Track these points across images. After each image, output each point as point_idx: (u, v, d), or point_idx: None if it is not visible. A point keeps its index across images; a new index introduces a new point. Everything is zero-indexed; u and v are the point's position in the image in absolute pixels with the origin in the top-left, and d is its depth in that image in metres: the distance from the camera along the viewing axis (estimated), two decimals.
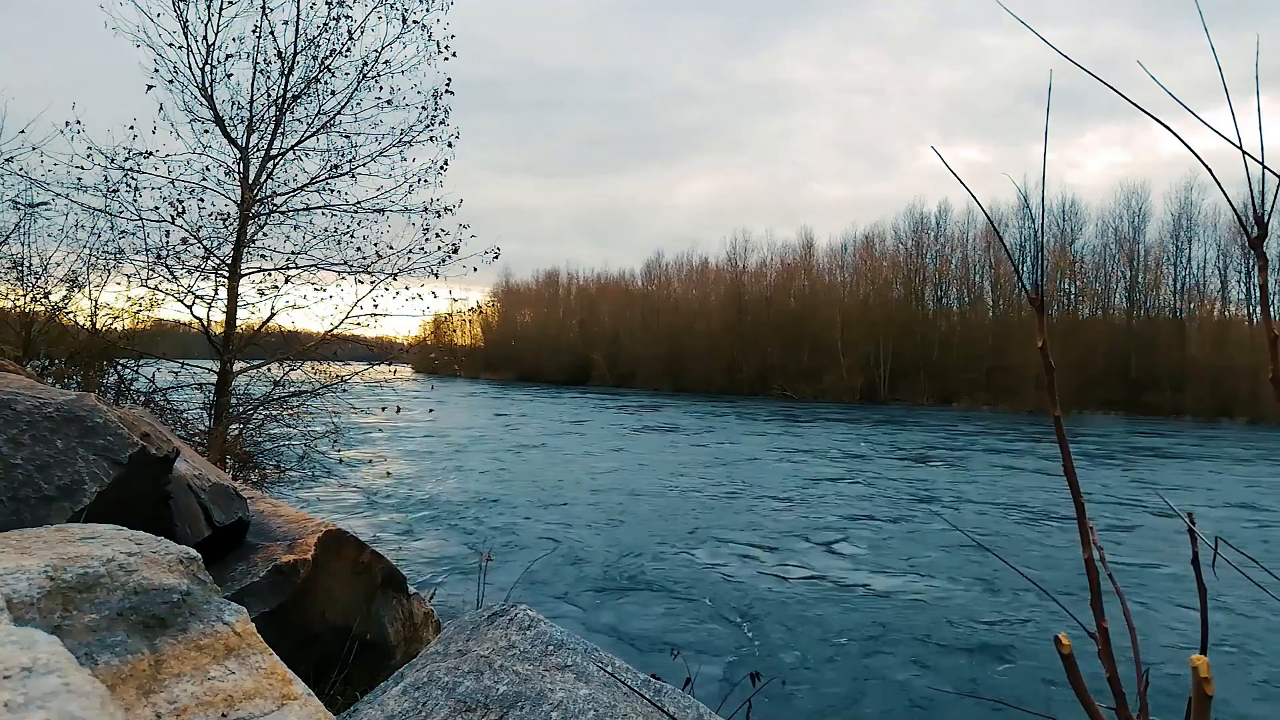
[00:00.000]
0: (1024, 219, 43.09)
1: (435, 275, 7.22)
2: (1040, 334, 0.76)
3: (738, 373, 49.32)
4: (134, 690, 1.16)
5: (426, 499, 10.63)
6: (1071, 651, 0.73)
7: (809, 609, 6.32)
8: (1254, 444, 23.67)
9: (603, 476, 13.12)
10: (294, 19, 6.71)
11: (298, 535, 2.91)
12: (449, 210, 7.23)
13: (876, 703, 4.65)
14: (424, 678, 1.77)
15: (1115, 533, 9.51)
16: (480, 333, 61.87)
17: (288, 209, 7.15)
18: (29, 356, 6.14)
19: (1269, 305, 0.67)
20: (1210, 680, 0.64)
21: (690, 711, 1.86)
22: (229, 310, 6.80)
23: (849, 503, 11.23)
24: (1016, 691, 4.81)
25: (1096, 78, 0.73)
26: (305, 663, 2.11)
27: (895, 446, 19.76)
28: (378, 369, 7.82)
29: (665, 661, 4.61)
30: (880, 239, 51.39)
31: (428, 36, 7.02)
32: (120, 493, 2.02)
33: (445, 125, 7.22)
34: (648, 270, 62.84)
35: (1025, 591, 6.74)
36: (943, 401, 42.21)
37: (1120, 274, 44.63)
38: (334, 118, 7.05)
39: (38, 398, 2.01)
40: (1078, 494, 0.76)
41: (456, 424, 21.92)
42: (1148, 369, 39.36)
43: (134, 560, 1.32)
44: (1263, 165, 0.65)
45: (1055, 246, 44.46)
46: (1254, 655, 5.47)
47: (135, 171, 6.48)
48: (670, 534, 8.85)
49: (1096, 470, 15.88)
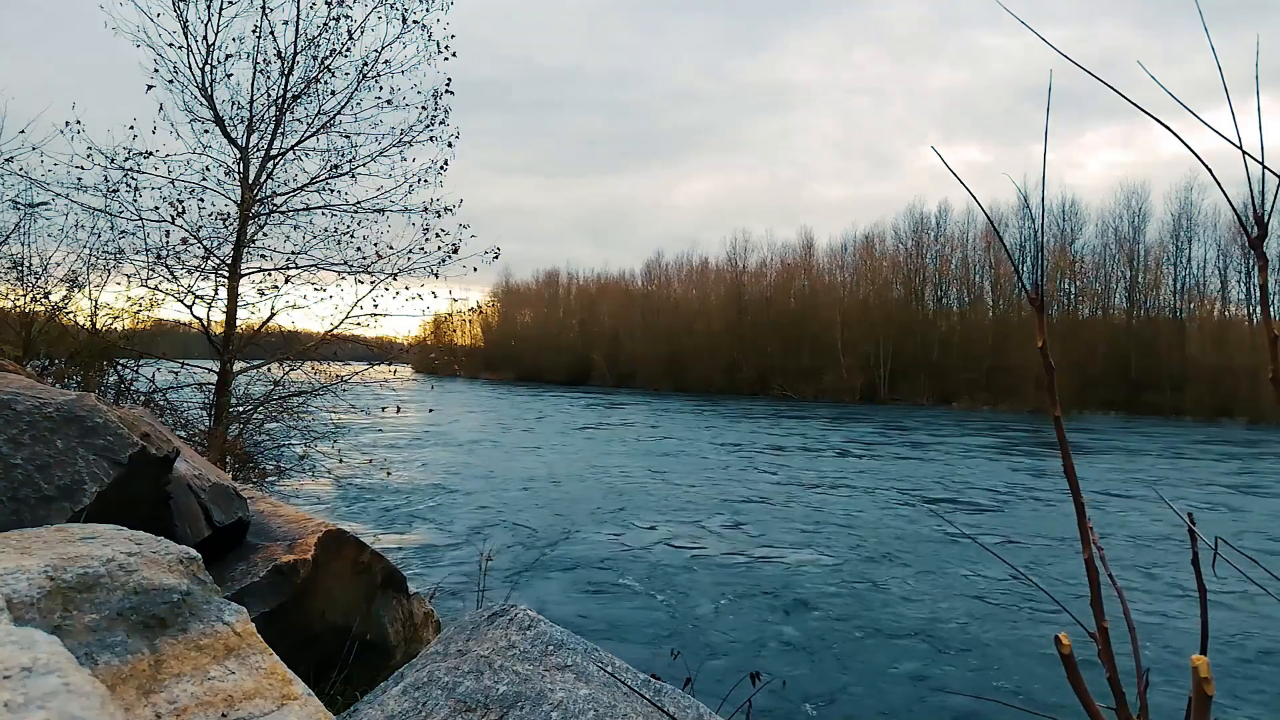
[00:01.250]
0: (1024, 219, 43.09)
1: (435, 275, 7.23)
2: (1040, 334, 0.76)
3: (738, 373, 49.30)
4: (134, 690, 1.16)
5: (426, 499, 10.63)
6: (1071, 651, 0.73)
7: (809, 609, 6.33)
8: (1254, 444, 23.66)
9: (602, 476, 13.12)
10: (294, 19, 6.72)
11: (298, 535, 2.91)
12: (449, 210, 7.24)
13: (877, 703, 4.65)
14: (424, 678, 1.77)
15: (1115, 532, 9.51)
16: (480, 333, 61.84)
17: (288, 209, 7.16)
18: (29, 356, 6.14)
19: (1269, 305, 0.67)
20: (1210, 680, 0.64)
21: (690, 711, 1.86)
22: (229, 310, 6.80)
23: (849, 503, 11.23)
24: (1016, 691, 4.81)
25: (1096, 78, 0.73)
26: (305, 663, 2.11)
27: (895, 447, 19.76)
28: (378, 369, 7.82)
29: (665, 661, 4.60)
30: (880, 239, 51.43)
31: (428, 36, 7.03)
32: (120, 493, 2.02)
33: (445, 125, 7.24)
34: (648, 270, 62.92)
35: (1025, 591, 6.74)
36: (943, 401, 42.20)
37: (1120, 274, 44.64)
38: (334, 118, 7.06)
39: (38, 398, 2.01)
40: (1078, 494, 0.76)
41: (456, 424, 21.91)
42: (1148, 369, 39.35)
43: (134, 560, 1.32)
44: (1263, 165, 0.65)
45: (1055, 246, 44.45)
46: (1254, 655, 5.47)
47: (135, 171, 6.48)
48: (670, 534, 8.85)
49: (1096, 470, 15.88)
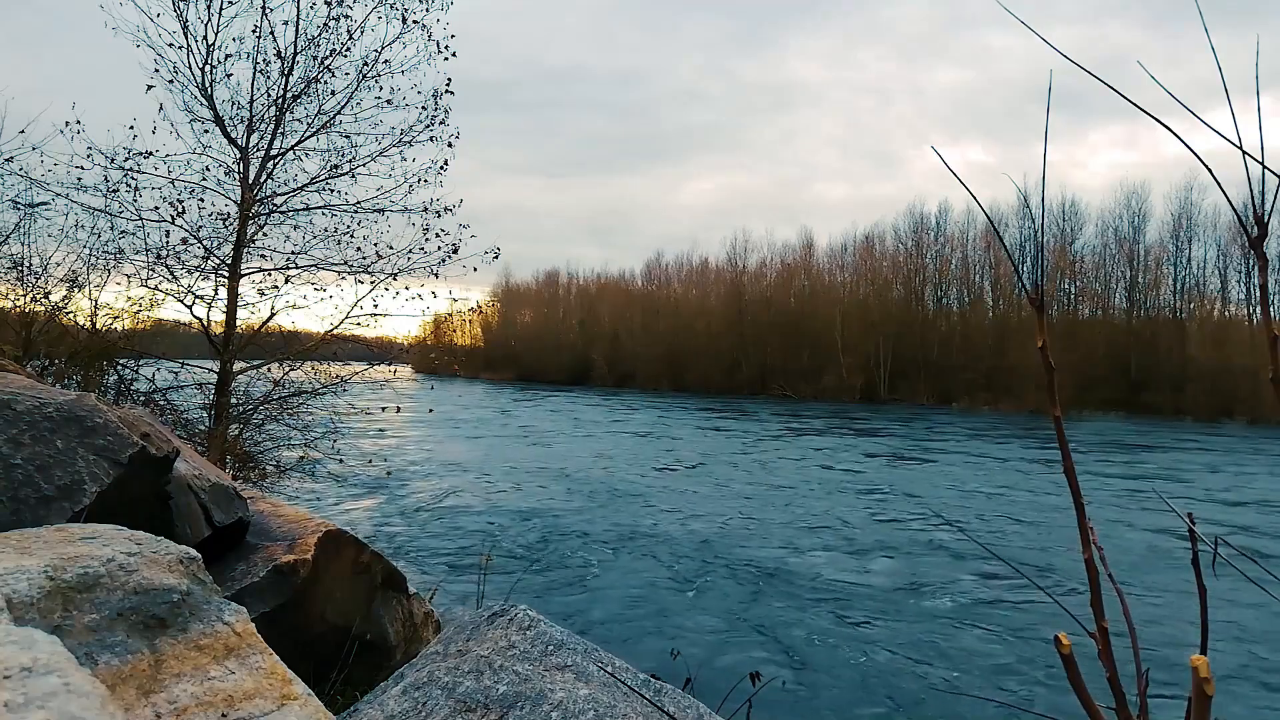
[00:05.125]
0: (1024, 219, 43.10)
1: (435, 275, 7.23)
2: (1040, 334, 0.76)
3: (737, 373, 49.31)
4: (134, 690, 1.16)
5: (426, 499, 10.63)
6: (1071, 651, 0.73)
7: (809, 608, 6.32)
8: (1254, 444, 23.66)
9: (603, 476, 13.12)
10: (294, 19, 6.71)
11: (298, 535, 2.91)
12: (449, 210, 7.24)
13: (877, 703, 4.65)
14: (424, 678, 1.77)
15: (1115, 532, 9.50)
16: (480, 333, 61.89)
17: (288, 209, 7.15)
18: (29, 356, 6.14)
19: (1269, 305, 0.67)
20: (1210, 680, 0.64)
21: (690, 711, 1.86)
22: (229, 310, 6.80)
23: (850, 504, 11.23)
24: (1017, 691, 4.81)
25: (1097, 78, 0.73)
26: (305, 663, 2.10)
27: (895, 447, 19.76)
28: (378, 369, 7.82)
29: (665, 661, 4.60)
30: (880, 239, 51.46)
31: (428, 36, 7.03)
32: (120, 493, 2.02)
33: (445, 125, 7.24)
34: (648, 270, 62.97)
35: (1025, 591, 6.74)
36: (943, 401, 42.20)
37: (1120, 274, 44.64)
38: (334, 118, 7.05)
39: (38, 398, 2.01)
40: (1078, 494, 0.76)
41: (456, 424, 21.91)
42: (1148, 369, 39.35)
43: (134, 560, 1.32)
44: (1263, 165, 0.65)
45: (1055, 246, 44.46)
46: (1254, 655, 5.46)
47: (135, 171, 6.48)
48: (670, 534, 8.85)
49: (1096, 470, 15.88)
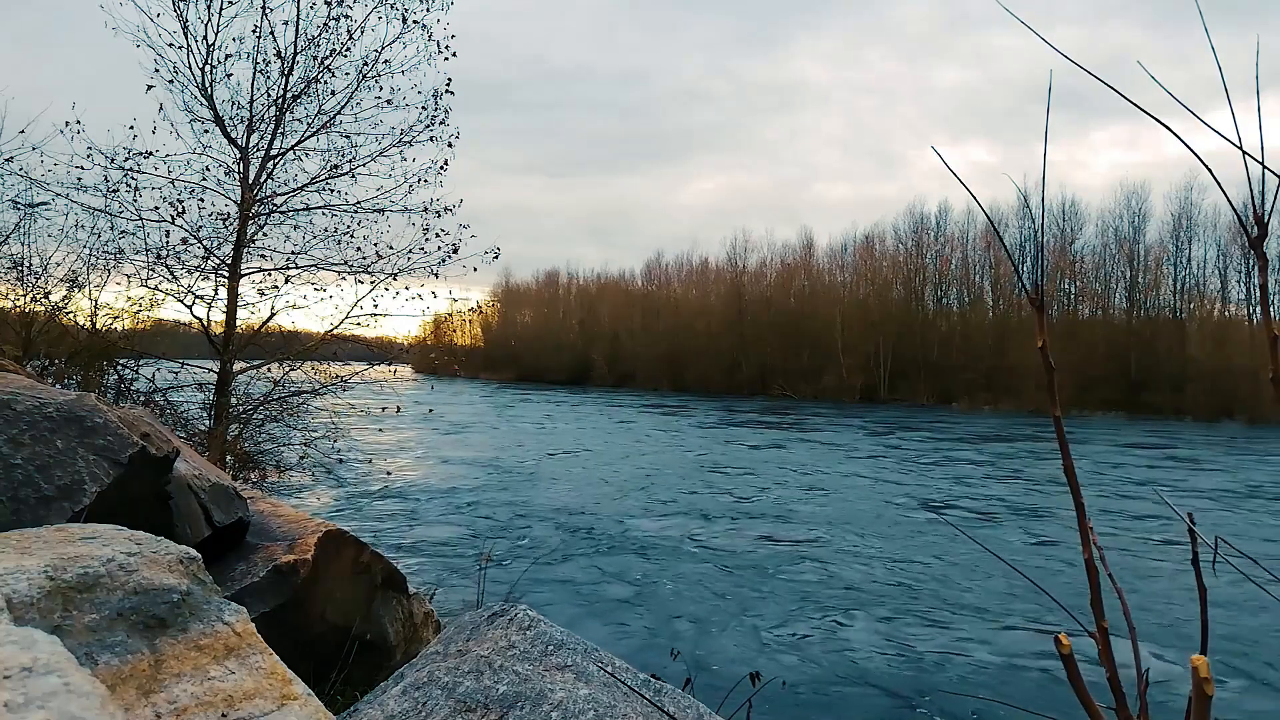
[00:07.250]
0: (1024, 219, 43.07)
1: (435, 275, 7.24)
2: (1040, 334, 0.76)
3: (737, 373, 49.29)
4: (134, 690, 1.16)
5: (426, 499, 10.63)
6: (1071, 651, 0.73)
7: (809, 608, 6.33)
8: (1254, 444, 23.66)
9: (602, 476, 13.12)
10: (294, 19, 6.73)
11: (297, 535, 2.91)
12: (449, 210, 7.25)
13: (877, 702, 4.65)
14: (424, 678, 1.77)
15: (1115, 532, 9.50)
16: (480, 333, 61.85)
17: (288, 209, 7.17)
18: (29, 356, 6.14)
19: (1269, 305, 0.67)
20: (1210, 680, 0.64)
21: (690, 711, 1.86)
22: (229, 310, 6.80)
23: (850, 503, 11.23)
24: (1017, 691, 4.81)
25: (1097, 78, 0.73)
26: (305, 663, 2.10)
27: (895, 446, 19.76)
28: (378, 369, 7.82)
29: (665, 661, 4.60)
30: (880, 239, 51.39)
31: (428, 36, 7.04)
32: (120, 493, 2.02)
33: (445, 125, 7.25)
34: (648, 270, 62.87)
35: (1025, 590, 6.74)
36: (943, 401, 42.18)
37: (1120, 274, 44.60)
38: (334, 118, 7.06)
39: (38, 398, 2.01)
40: (1078, 494, 0.76)
41: (456, 424, 21.91)
42: (1148, 369, 39.33)
43: (134, 560, 1.32)
44: (1263, 165, 0.65)
45: (1055, 246, 44.44)
46: (1255, 656, 5.46)
47: (135, 171, 6.49)
48: (671, 534, 8.85)
49: (1096, 469, 15.88)
